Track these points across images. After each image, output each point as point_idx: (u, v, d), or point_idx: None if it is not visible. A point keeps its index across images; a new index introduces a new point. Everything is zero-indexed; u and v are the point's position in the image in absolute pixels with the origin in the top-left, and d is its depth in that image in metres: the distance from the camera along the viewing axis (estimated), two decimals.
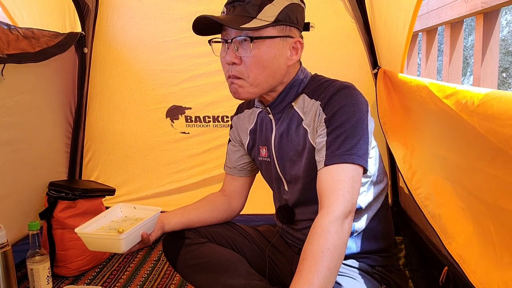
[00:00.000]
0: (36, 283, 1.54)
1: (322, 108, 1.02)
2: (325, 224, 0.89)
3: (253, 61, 1.01)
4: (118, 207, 1.23)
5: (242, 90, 1.04)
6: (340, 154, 0.96)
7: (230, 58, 1.02)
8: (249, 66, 1.01)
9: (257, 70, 1.02)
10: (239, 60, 1.02)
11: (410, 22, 1.16)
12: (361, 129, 0.98)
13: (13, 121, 1.68)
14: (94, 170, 2.25)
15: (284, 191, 1.19)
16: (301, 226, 1.18)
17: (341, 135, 0.97)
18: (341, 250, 0.89)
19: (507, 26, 3.15)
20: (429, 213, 1.19)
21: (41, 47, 1.66)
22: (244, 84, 1.03)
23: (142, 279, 1.75)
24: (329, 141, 0.98)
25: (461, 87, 0.82)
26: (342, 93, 1.01)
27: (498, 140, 0.67)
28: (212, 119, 2.13)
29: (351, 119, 0.98)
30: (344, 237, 0.91)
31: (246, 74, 1.02)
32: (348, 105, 0.99)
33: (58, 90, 2.00)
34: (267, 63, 1.02)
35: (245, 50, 1.00)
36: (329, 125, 0.99)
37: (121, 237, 1.03)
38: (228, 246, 1.22)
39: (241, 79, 1.03)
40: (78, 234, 1.08)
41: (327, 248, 0.87)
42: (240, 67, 1.02)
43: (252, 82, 1.03)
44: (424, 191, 1.25)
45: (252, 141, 1.25)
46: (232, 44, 1.01)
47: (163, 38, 2.08)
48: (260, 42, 1.00)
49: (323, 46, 1.93)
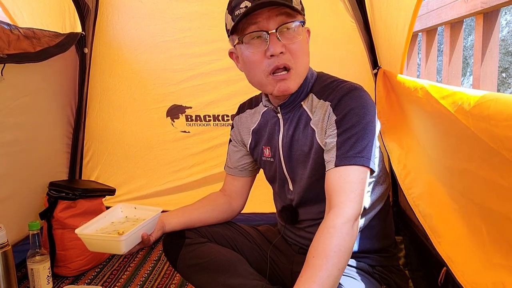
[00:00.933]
0: (36, 283, 1.55)
1: (333, 108, 1.02)
2: (338, 225, 0.90)
3: (300, 47, 1.00)
4: (118, 207, 1.23)
5: (294, 82, 1.02)
6: (351, 156, 0.96)
7: (278, 48, 0.97)
8: (296, 52, 0.99)
9: (303, 57, 1.01)
10: (285, 49, 0.99)
11: (410, 22, 1.17)
12: (370, 131, 0.99)
13: (14, 122, 1.69)
14: (94, 169, 2.25)
15: (289, 191, 1.19)
16: (304, 225, 1.18)
17: (352, 137, 0.97)
18: (349, 251, 0.90)
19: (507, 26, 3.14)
20: (420, 212, 1.20)
21: (42, 47, 1.66)
22: (292, 73, 1.01)
23: (142, 279, 1.75)
24: (340, 142, 0.98)
25: (458, 89, 0.83)
26: (352, 94, 1.01)
27: (493, 141, 0.67)
28: (213, 118, 2.13)
29: (362, 121, 0.98)
30: (353, 239, 0.91)
31: (293, 63, 1.00)
32: (358, 107, 0.99)
33: (59, 90, 2.00)
34: (307, 49, 1.03)
35: (294, 36, 0.99)
36: (339, 126, 0.99)
37: (121, 238, 1.03)
38: (228, 246, 1.22)
39: (290, 70, 1.00)
40: (79, 235, 1.08)
41: (338, 248, 0.87)
42: (287, 56, 0.99)
43: (298, 71, 1.02)
44: (417, 191, 1.25)
45: (255, 141, 1.25)
46: (277, 32, 0.98)
47: (163, 37, 2.09)
48: (300, 28, 1.00)
49: (323, 46, 1.93)
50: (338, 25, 1.93)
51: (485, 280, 0.78)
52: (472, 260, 0.86)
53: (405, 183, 1.32)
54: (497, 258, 0.77)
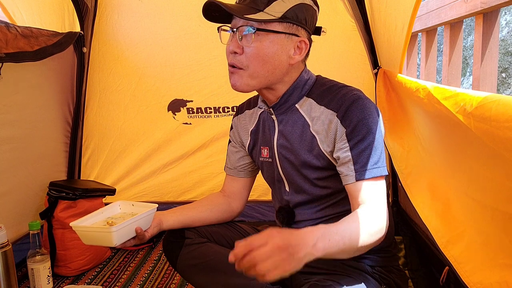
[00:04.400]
0: (37, 282, 1.55)
1: (340, 120, 1.03)
2: (383, 215, 0.97)
3: (254, 53, 1.02)
4: (117, 204, 1.24)
5: (241, 82, 1.05)
6: (370, 168, 0.99)
7: (232, 47, 1.03)
8: (249, 57, 1.02)
9: (257, 62, 1.03)
10: (241, 50, 1.03)
11: (409, 22, 1.17)
12: (380, 139, 1.02)
13: (11, 120, 1.68)
14: (94, 167, 2.26)
15: (285, 192, 1.19)
16: (300, 226, 1.18)
17: (366, 149, 1.00)
18: (377, 235, 0.94)
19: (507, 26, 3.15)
20: (423, 212, 1.20)
21: (40, 46, 1.65)
22: (243, 74, 1.04)
23: (143, 279, 1.75)
24: (355, 155, 1.01)
25: (460, 90, 0.83)
26: (358, 104, 1.02)
27: (494, 142, 0.67)
28: (214, 110, 2.16)
29: (371, 131, 1.00)
30: (380, 237, 0.95)
31: (245, 65, 1.03)
32: (366, 117, 1.01)
33: (56, 89, 2.00)
34: (268, 57, 1.02)
35: (248, 41, 1.01)
36: (350, 138, 1.01)
37: (112, 229, 1.04)
38: (228, 246, 1.22)
39: (240, 70, 1.04)
40: (73, 228, 1.09)
41: (378, 226, 0.95)
42: (241, 57, 1.03)
43: (251, 74, 1.04)
44: (419, 191, 1.26)
45: (253, 142, 1.25)
46: (237, 33, 1.02)
47: (163, 35, 2.10)
48: (263, 35, 1.01)
49: (323, 46, 1.93)
50: (338, 25, 1.93)
51: (490, 280, 0.79)
52: (477, 260, 0.86)
53: (407, 183, 1.32)
54: (502, 258, 0.77)
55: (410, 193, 1.29)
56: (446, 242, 1.02)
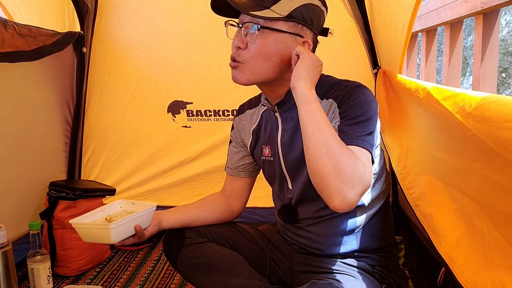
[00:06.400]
0: (37, 282, 1.55)
1: (338, 104, 1.04)
2: (365, 166, 0.92)
3: (256, 49, 1.03)
4: (117, 203, 1.25)
5: (241, 75, 1.06)
6: (353, 137, 0.97)
7: (237, 42, 1.05)
8: (252, 53, 1.04)
9: (258, 59, 1.04)
10: (244, 46, 1.04)
11: (409, 22, 1.17)
12: (373, 124, 1.01)
13: (5, 116, 1.67)
14: (94, 167, 2.26)
15: (288, 190, 1.19)
16: (303, 224, 1.18)
17: (356, 124, 0.99)
18: (349, 164, 0.89)
19: (507, 27, 3.15)
20: (421, 212, 1.20)
21: (38, 45, 1.64)
22: (244, 68, 1.06)
23: (143, 278, 1.75)
24: (343, 126, 1.00)
25: (460, 90, 0.83)
26: (357, 91, 1.03)
27: (494, 142, 0.67)
28: (213, 113, 2.15)
29: (365, 114, 1.00)
30: (352, 171, 0.90)
31: (246, 59, 1.05)
32: (362, 101, 1.01)
33: (56, 89, 1.99)
34: (270, 55, 1.03)
35: (252, 37, 1.03)
36: (343, 116, 1.01)
37: (110, 226, 1.04)
38: (228, 245, 1.22)
39: (240, 63, 1.06)
40: (73, 225, 1.10)
41: (354, 160, 0.91)
42: (244, 52, 1.05)
43: (250, 69, 1.05)
44: (417, 191, 1.26)
45: (255, 141, 1.25)
46: (242, 28, 1.03)
47: (164, 36, 2.10)
48: (268, 33, 1.02)
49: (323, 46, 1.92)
50: (338, 25, 1.93)
51: (485, 280, 0.79)
52: (472, 260, 0.86)
53: (405, 183, 1.32)
54: (497, 258, 0.77)
55: (408, 193, 1.29)
56: (442, 241, 1.02)
